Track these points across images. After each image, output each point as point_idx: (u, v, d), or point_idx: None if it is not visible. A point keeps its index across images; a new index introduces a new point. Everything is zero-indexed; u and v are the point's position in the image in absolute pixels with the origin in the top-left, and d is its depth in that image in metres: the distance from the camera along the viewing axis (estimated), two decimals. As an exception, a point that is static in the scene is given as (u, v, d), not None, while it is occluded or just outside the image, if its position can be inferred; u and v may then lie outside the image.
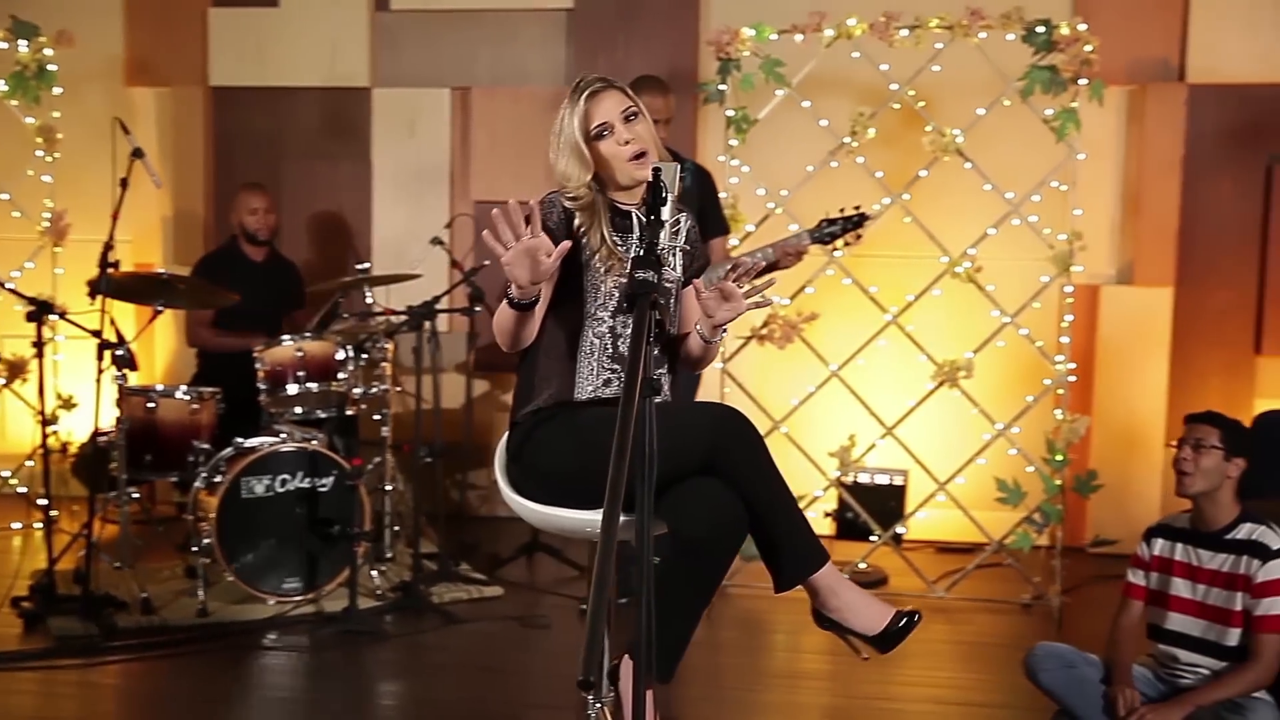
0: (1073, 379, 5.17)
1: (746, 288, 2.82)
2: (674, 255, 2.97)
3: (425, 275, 5.71)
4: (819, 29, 5.11)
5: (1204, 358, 5.91)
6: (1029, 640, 4.79)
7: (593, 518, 2.81)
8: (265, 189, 6.06)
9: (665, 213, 2.53)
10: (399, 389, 5.80)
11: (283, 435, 5.05)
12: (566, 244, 2.66)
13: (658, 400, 3.03)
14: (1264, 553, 3.53)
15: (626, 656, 2.84)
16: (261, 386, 5.19)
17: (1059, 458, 5.07)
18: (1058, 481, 5.08)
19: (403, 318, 5.29)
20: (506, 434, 3.00)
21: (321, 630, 4.70)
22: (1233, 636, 3.56)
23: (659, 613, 2.70)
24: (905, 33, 5.04)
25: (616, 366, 2.89)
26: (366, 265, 5.40)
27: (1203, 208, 5.89)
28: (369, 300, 5.33)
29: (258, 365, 5.20)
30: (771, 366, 5.70)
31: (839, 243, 4.72)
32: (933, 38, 5.05)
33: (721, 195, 5.17)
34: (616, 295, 2.89)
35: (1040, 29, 4.95)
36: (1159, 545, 3.77)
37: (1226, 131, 5.87)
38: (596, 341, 2.89)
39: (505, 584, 5.33)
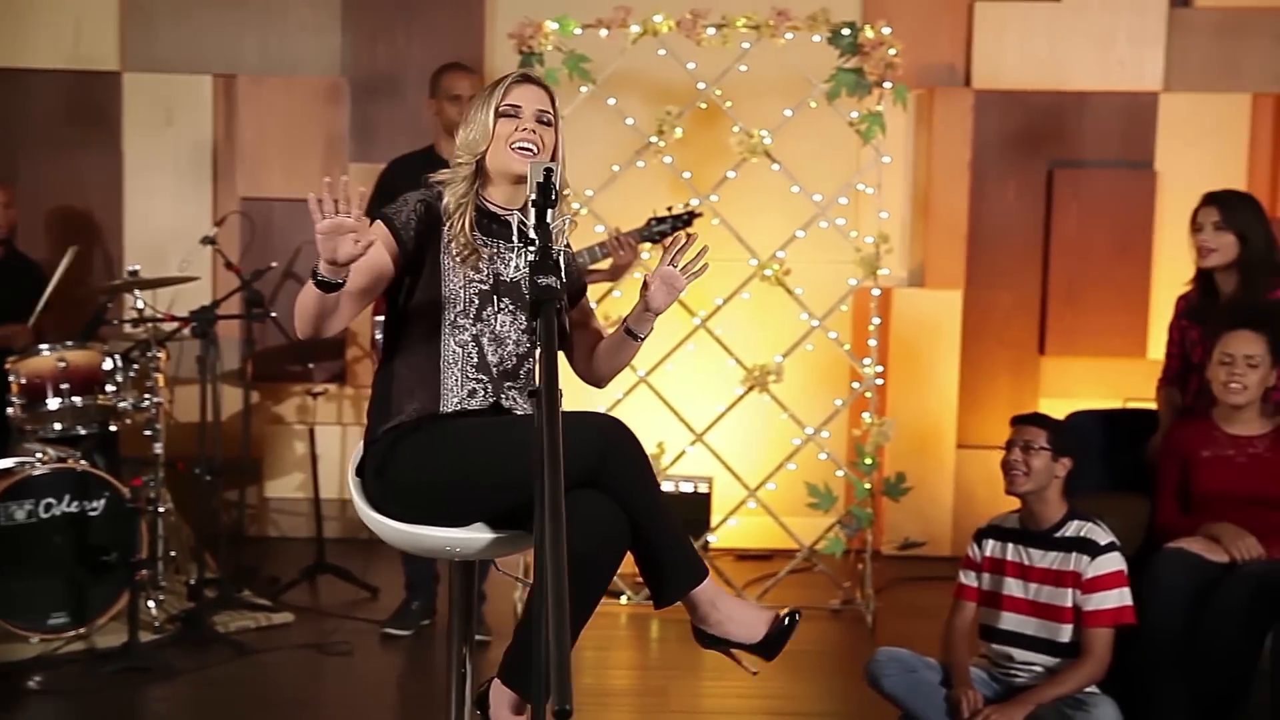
0: (880, 382, 5.38)
1: (683, 264, 2.87)
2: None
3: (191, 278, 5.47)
4: (624, 24, 5.16)
5: (991, 359, 6.25)
6: (844, 646, 4.99)
7: (463, 536, 2.76)
8: (4, 182, 5.70)
9: (550, 215, 2.54)
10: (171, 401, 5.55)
11: (36, 455, 4.75)
12: (373, 240, 2.63)
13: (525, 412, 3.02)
14: (1093, 549, 3.77)
15: (496, 680, 2.81)
16: (16, 401, 4.87)
17: (868, 461, 5.27)
18: (867, 485, 5.28)
19: (175, 325, 5.07)
20: (361, 450, 2.92)
21: (97, 669, 4.45)
22: (1065, 633, 3.79)
23: (535, 635, 2.68)
24: (712, 31, 5.14)
25: (483, 376, 2.86)
26: (136, 268, 5.13)
27: (989, 211, 6.24)
28: (139, 306, 5.07)
29: (11, 378, 4.88)
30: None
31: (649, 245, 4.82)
32: (739, 37, 5.17)
33: (524, 194, 5.17)
34: (478, 302, 2.86)
35: (846, 31, 5.14)
36: (990, 546, 3.97)
37: (1010, 137, 6.23)
38: (459, 350, 2.85)
39: (293, 609, 5.16)
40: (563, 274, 2.43)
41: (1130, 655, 3.78)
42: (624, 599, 5.27)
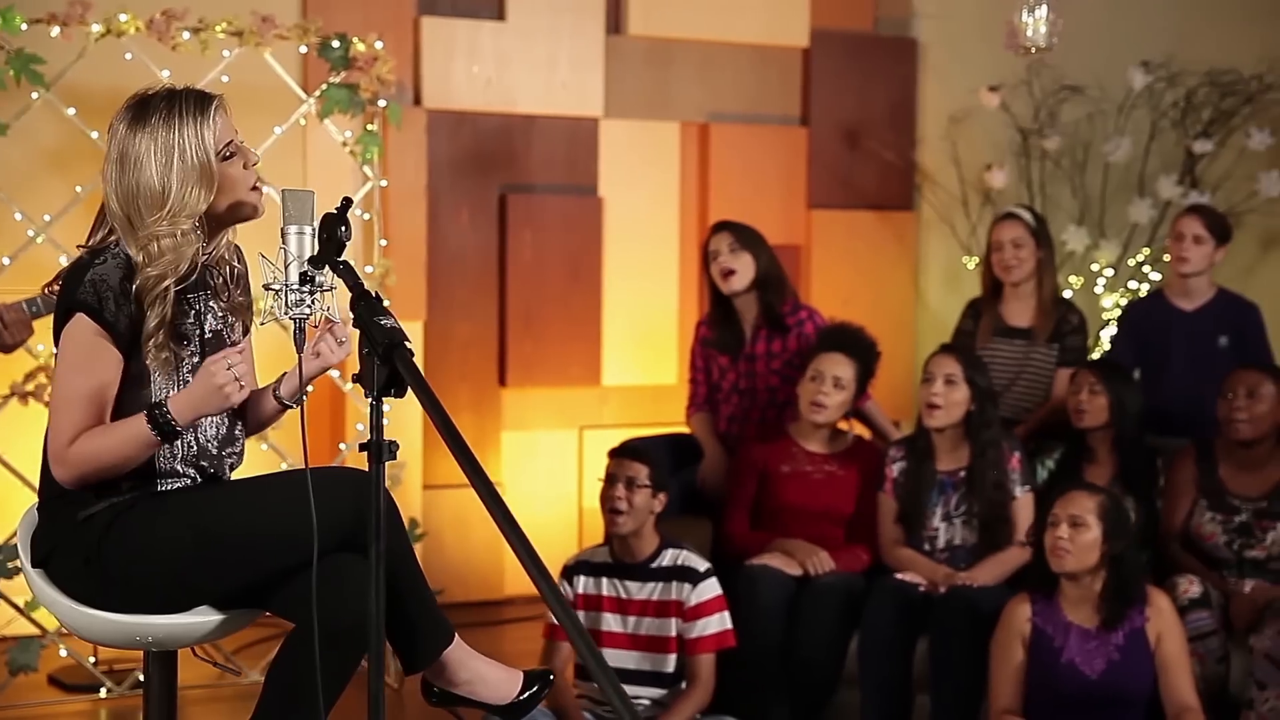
0: (361, 427, 5.51)
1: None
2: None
3: None
4: (84, 22, 4.92)
5: (454, 392, 6.54)
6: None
7: (189, 621, 2.68)
8: None
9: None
10: None
11: None
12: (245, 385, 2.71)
13: (242, 476, 2.96)
14: (694, 576, 4.21)
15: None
16: None
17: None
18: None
19: None
20: (33, 536, 2.71)
21: None
22: (670, 663, 4.20)
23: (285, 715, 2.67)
24: (188, 35, 5.04)
25: (204, 463, 2.83)
26: None
27: (445, 238, 6.53)
28: None
29: None
30: (34, 430, 5.31)
31: None
32: (220, 44, 5.10)
33: (-36, 219, 4.80)
34: (192, 381, 2.80)
35: (336, 44, 5.24)
36: (582, 582, 4.30)
37: (462, 161, 6.57)
38: (178, 444, 2.78)
39: None
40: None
41: (730, 675, 4.27)
42: (104, 691, 4.99)
